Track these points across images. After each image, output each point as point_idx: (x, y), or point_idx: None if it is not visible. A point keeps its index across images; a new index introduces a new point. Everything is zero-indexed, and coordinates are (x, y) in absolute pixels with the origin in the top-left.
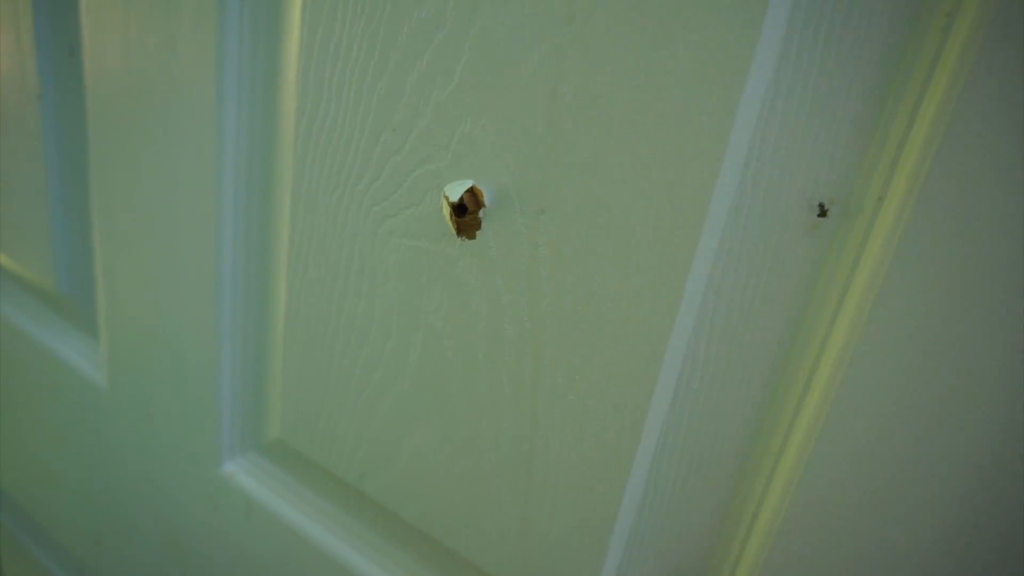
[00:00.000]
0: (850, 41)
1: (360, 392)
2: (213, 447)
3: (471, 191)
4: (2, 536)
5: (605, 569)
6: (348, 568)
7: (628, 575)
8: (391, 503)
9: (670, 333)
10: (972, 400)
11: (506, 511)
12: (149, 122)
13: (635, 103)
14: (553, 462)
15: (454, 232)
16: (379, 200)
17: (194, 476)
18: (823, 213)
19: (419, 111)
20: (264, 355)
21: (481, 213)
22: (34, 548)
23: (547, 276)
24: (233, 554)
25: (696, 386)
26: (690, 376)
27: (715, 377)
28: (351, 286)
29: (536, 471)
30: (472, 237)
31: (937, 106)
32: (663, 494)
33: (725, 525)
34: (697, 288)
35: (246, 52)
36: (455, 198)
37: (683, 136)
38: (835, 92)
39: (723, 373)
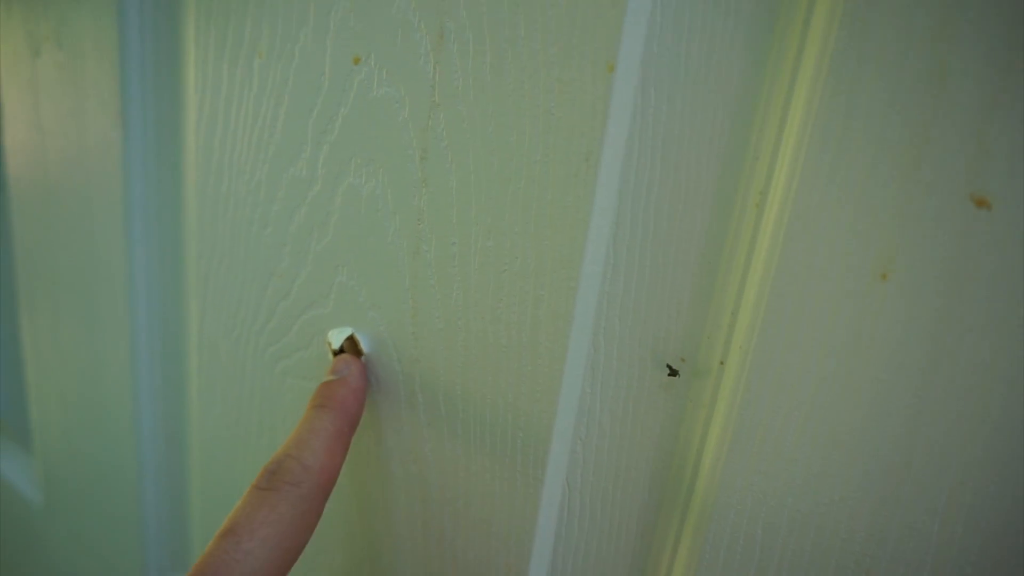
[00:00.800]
0: (677, 225)
1: None
2: (141, 569)
3: (350, 339)
4: None
5: None
6: None
7: None
8: None
9: (541, 486)
10: (818, 547)
11: None
12: (68, 268)
13: (488, 265)
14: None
15: None
16: (273, 341)
17: None
18: (673, 372)
19: (301, 260)
20: (184, 483)
21: (363, 359)
22: None
23: (425, 422)
24: None
25: (575, 532)
26: (568, 523)
27: (591, 522)
28: (254, 422)
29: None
30: None
31: (760, 278)
32: None
33: None
34: (564, 441)
35: (152, 205)
36: (336, 345)
37: (535, 294)
38: (669, 261)
39: (598, 519)
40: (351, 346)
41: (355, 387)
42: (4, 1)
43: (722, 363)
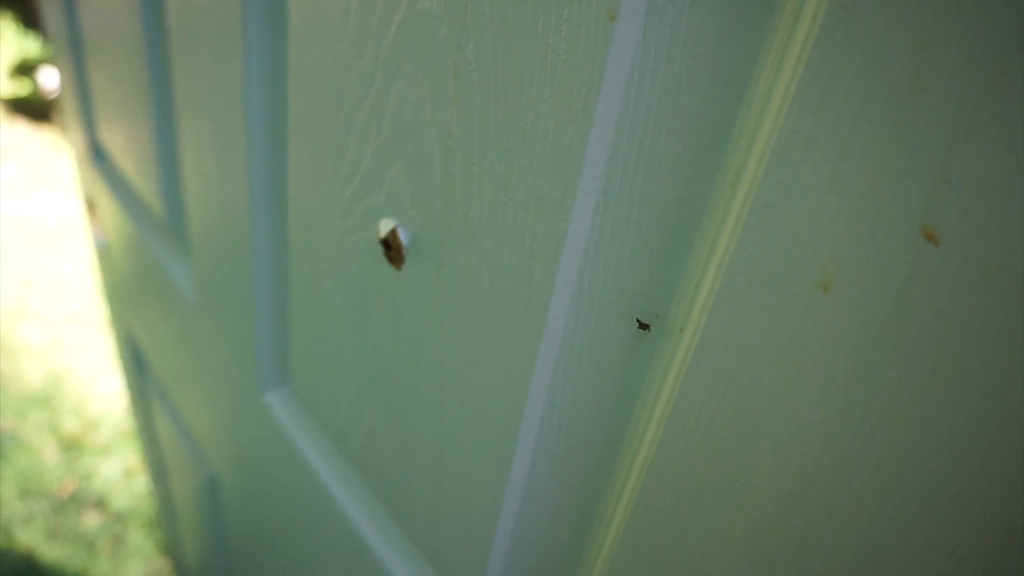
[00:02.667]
0: (664, 186)
1: (335, 369)
2: (255, 376)
3: (393, 231)
4: (151, 397)
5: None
6: (344, 514)
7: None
8: (357, 466)
9: (524, 403)
10: (740, 513)
11: (424, 490)
12: (208, 105)
13: (499, 191)
14: (456, 447)
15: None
16: (344, 217)
17: (245, 399)
18: (643, 326)
19: (362, 151)
20: (286, 312)
21: (404, 251)
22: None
23: (446, 323)
24: (268, 470)
25: (551, 450)
26: (545, 440)
27: (563, 445)
28: (327, 283)
29: (444, 457)
30: (399, 268)
31: (719, 259)
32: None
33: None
34: (547, 365)
35: (265, 64)
36: (383, 234)
37: (532, 228)
38: (655, 220)
39: (571, 443)
40: (394, 237)
41: None
42: None
43: (682, 331)
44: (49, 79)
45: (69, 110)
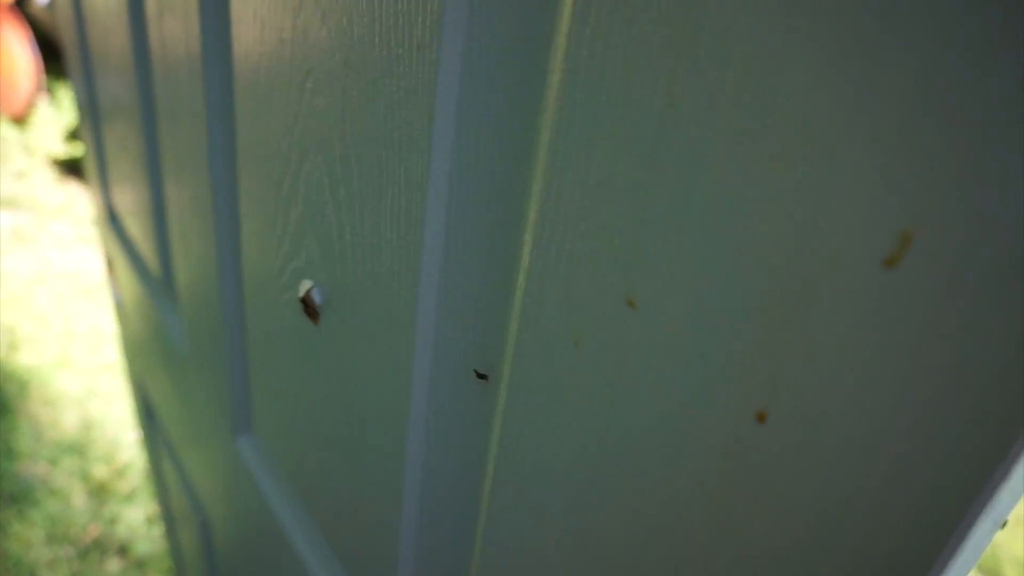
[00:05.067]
0: (489, 260)
1: (282, 415)
2: (229, 423)
3: (308, 291)
4: (160, 446)
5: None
6: (302, 560)
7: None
8: (308, 504)
9: (405, 438)
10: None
11: (348, 515)
12: (173, 144)
13: (365, 257)
14: (367, 477)
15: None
16: (278, 278)
17: (222, 445)
18: (481, 376)
19: (288, 220)
20: (246, 366)
21: (318, 308)
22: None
23: (349, 369)
24: (243, 512)
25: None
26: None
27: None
28: (270, 337)
29: (360, 488)
30: (316, 324)
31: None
32: None
33: None
34: (419, 412)
35: (225, 145)
36: (301, 293)
37: (395, 293)
38: (481, 286)
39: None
40: (308, 297)
41: None
42: None
43: (500, 378)
44: None
45: (90, 175)
